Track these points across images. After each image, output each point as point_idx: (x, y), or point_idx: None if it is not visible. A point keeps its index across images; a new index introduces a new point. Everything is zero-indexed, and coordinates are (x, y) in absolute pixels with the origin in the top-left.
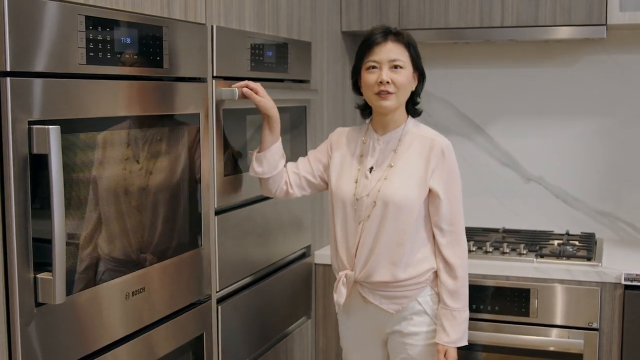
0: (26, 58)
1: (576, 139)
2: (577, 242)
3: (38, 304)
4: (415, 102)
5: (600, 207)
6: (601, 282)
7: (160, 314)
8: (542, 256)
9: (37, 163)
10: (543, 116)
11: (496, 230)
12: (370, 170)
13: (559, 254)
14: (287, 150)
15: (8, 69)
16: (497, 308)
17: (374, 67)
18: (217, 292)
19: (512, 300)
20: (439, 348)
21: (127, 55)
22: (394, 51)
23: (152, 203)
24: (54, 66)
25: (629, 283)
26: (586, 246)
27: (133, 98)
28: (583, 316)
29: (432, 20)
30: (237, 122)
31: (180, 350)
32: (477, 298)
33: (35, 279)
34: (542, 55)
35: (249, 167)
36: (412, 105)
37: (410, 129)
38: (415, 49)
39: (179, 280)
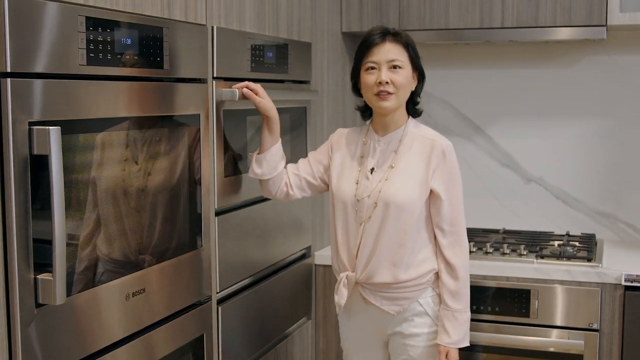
0: (26, 59)
1: (576, 140)
2: (577, 243)
3: (38, 305)
4: (416, 102)
5: (601, 208)
6: (601, 283)
7: (161, 315)
8: (542, 257)
9: (38, 164)
10: (543, 117)
11: (496, 231)
12: (371, 171)
13: (559, 255)
14: (287, 151)
15: (8, 70)
16: (497, 309)
17: (372, 68)
18: (218, 293)
19: (513, 301)
20: (441, 349)
21: (128, 56)
22: (392, 51)
23: (153, 204)
24: (55, 67)
25: (629, 284)
26: (586, 247)
27: (133, 99)
28: (583, 317)
29: (432, 21)
30: (238, 123)
31: (181, 351)
32: (478, 299)
33: (35, 279)
34: (542, 56)
35: (249, 169)
36: (413, 105)
37: (410, 130)
38: (414, 48)
39: (179, 281)
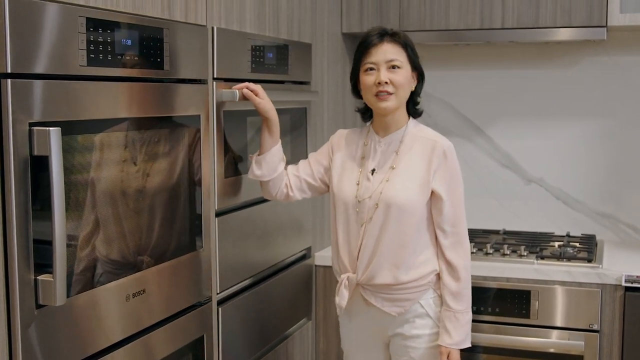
0: (27, 60)
1: (576, 141)
2: (577, 244)
3: (39, 306)
4: (416, 102)
5: (601, 208)
6: (602, 284)
7: (161, 316)
8: (542, 258)
9: (38, 165)
10: (543, 118)
11: (497, 232)
12: (372, 172)
13: (559, 256)
14: (288, 152)
15: (9, 71)
16: (497, 310)
17: (371, 69)
18: (218, 293)
19: (513, 302)
20: (442, 350)
21: (128, 57)
22: (390, 51)
23: (153, 205)
24: (55, 68)
25: (629, 285)
26: (587, 248)
27: (133, 100)
28: (583, 318)
29: (433, 21)
30: (238, 123)
31: (181, 352)
32: (478, 300)
33: (35, 280)
34: (543, 56)
35: (248, 170)
36: (413, 105)
37: (411, 130)
38: (413, 48)
39: (179, 282)
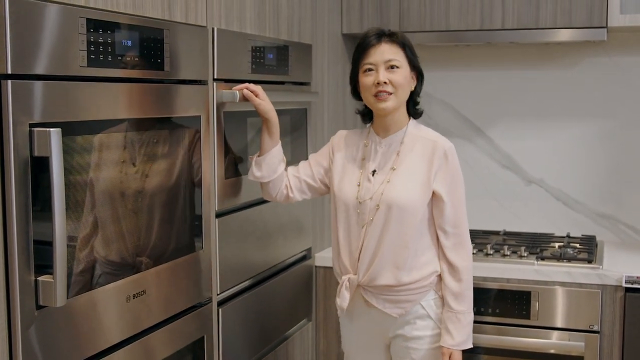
0: (27, 60)
1: (577, 142)
2: (577, 245)
3: (39, 307)
4: (416, 102)
5: (601, 209)
6: (602, 285)
7: (161, 317)
8: (543, 259)
9: (38, 165)
10: (543, 118)
11: (497, 233)
12: (373, 173)
13: (559, 257)
14: (288, 153)
15: (9, 72)
16: (498, 311)
17: (370, 70)
18: (218, 294)
19: (513, 303)
20: (444, 351)
21: (128, 58)
22: (388, 51)
23: (153, 206)
24: (55, 69)
25: (629, 285)
26: (587, 249)
27: (134, 101)
28: (584, 319)
29: (433, 22)
30: (238, 124)
31: (181, 353)
32: (478, 301)
33: (36, 281)
34: (543, 57)
35: (249, 171)
36: (413, 105)
37: (411, 131)
38: (411, 48)
39: (179, 283)
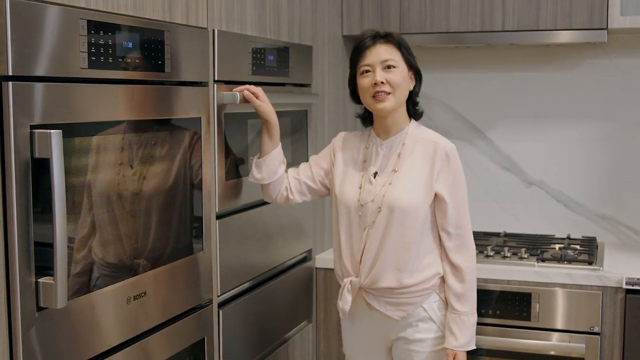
0: (28, 62)
1: (577, 143)
2: (578, 246)
3: (39, 308)
4: (415, 102)
5: (602, 211)
6: (602, 286)
7: (162, 318)
8: (543, 260)
9: (39, 167)
10: (544, 120)
11: (497, 235)
12: (374, 175)
13: (560, 258)
14: (288, 155)
15: (10, 73)
16: (498, 312)
17: (367, 71)
18: (218, 296)
19: (514, 305)
20: (448, 352)
21: (129, 60)
22: (384, 52)
23: (154, 207)
24: (56, 70)
25: (630, 287)
26: (587, 250)
27: (135, 102)
28: (584, 320)
29: (433, 24)
30: (239, 126)
31: (181, 354)
32: (479, 302)
33: (36, 283)
34: (543, 59)
35: (249, 173)
36: (413, 106)
37: (412, 133)
38: (407, 48)
39: (180, 285)
